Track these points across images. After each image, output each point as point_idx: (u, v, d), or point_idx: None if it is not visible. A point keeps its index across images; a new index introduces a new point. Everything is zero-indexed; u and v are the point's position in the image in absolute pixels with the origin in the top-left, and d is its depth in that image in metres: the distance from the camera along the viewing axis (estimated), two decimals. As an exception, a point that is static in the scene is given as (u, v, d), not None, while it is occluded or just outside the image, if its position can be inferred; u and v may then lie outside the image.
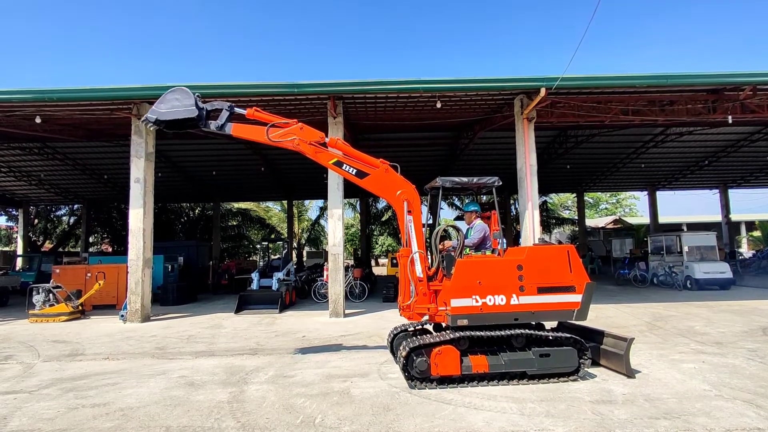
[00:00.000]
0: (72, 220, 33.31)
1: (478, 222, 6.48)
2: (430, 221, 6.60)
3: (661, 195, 28.70)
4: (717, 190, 27.82)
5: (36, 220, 31.64)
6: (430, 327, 6.60)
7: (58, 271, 14.39)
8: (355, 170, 6.21)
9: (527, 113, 11.67)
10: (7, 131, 13.93)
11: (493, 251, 6.29)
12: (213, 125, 6.15)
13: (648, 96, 12.53)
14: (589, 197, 44.41)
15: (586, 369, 5.64)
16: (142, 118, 6.22)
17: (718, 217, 28.49)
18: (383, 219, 34.66)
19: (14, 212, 29.34)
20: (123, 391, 5.53)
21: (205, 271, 20.89)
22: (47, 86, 11.23)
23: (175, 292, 14.91)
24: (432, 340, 5.48)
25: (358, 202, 33.53)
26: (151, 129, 6.23)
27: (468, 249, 6.28)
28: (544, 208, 32.86)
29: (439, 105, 12.36)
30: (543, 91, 10.73)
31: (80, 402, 5.17)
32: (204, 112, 6.08)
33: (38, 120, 12.32)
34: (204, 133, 6.17)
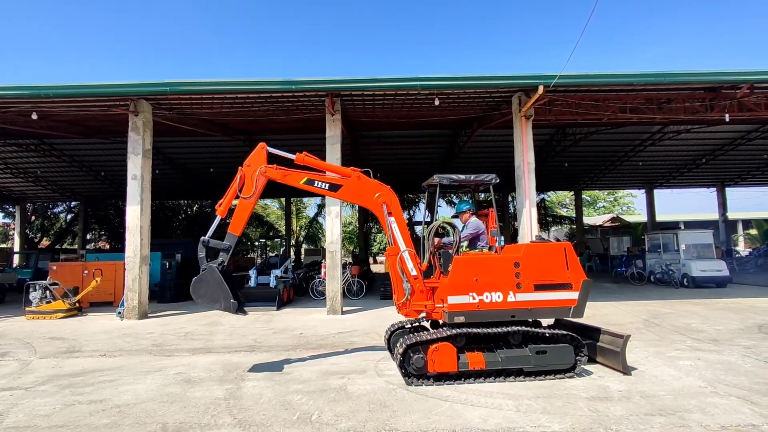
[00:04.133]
0: (69, 218, 33.20)
1: (473, 219, 6.48)
2: (428, 218, 6.60)
3: (658, 193, 28.77)
4: (714, 189, 27.89)
5: (33, 217, 31.52)
6: (427, 324, 6.61)
7: (55, 268, 14.34)
8: (327, 185, 6.16)
9: (525, 111, 11.66)
10: (3, 128, 13.89)
11: (490, 248, 6.30)
12: (226, 255, 6.01)
13: (646, 94, 12.54)
14: (586, 195, 44.43)
15: (582, 366, 5.66)
16: (242, 314, 6.10)
17: (715, 216, 28.57)
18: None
19: (11, 209, 29.25)
20: (120, 388, 5.52)
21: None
22: (44, 82, 11.18)
23: (173, 289, 14.88)
24: (429, 337, 5.49)
25: (356, 200, 33.46)
26: (241, 314, 6.14)
27: (463, 245, 6.28)
28: (542, 205, 32.89)
29: (437, 102, 12.35)
30: (541, 89, 10.72)
31: (77, 398, 5.16)
32: (215, 263, 5.92)
33: (34, 116, 12.25)
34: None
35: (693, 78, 11.24)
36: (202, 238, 6.03)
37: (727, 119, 12.47)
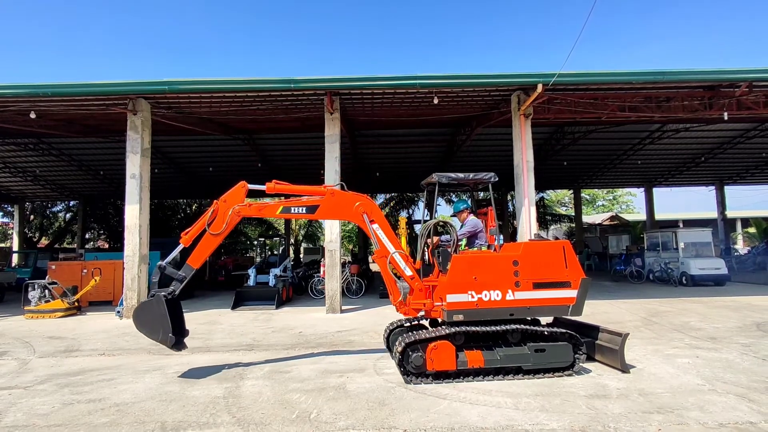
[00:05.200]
0: (68, 217, 33.17)
1: (471, 218, 6.49)
2: (428, 217, 6.60)
3: (657, 191, 28.80)
4: (713, 187, 27.91)
5: (32, 217, 31.49)
6: (426, 322, 6.61)
7: (54, 267, 14.33)
8: (304, 208, 6.06)
9: (524, 109, 11.66)
10: (2, 127, 13.84)
11: (489, 247, 6.30)
12: (179, 285, 5.94)
13: (645, 92, 12.54)
14: (585, 194, 44.52)
15: (581, 364, 5.67)
16: (176, 350, 5.93)
17: (714, 214, 28.59)
18: (381, 215, 34.60)
19: (10, 208, 29.23)
20: (118, 387, 5.52)
21: (201, 268, 20.79)
22: (42, 81, 11.15)
23: (172, 288, 14.84)
24: (427, 336, 5.49)
25: (356, 199, 33.44)
26: (182, 350, 6.02)
27: (462, 243, 6.28)
28: (541, 204, 32.90)
29: (436, 101, 12.33)
30: (540, 87, 10.72)
31: (75, 397, 5.16)
32: (164, 292, 5.78)
33: (33, 115, 12.22)
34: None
35: (692, 76, 11.25)
36: (159, 263, 5.93)
37: (726, 118, 12.47)
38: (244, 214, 6.08)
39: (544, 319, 6.24)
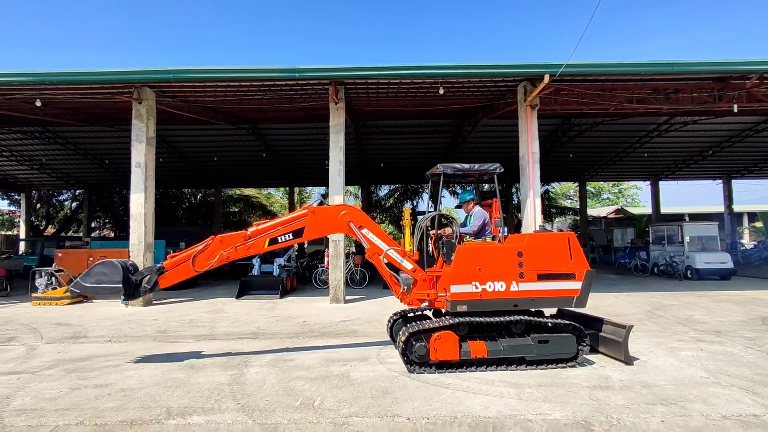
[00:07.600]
0: (74, 205, 33.36)
1: (477, 209, 6.46)
2: (432, 208, 6.58)
3: (663, 185, 28.56)
4: (720, 181, 27.66)
5: (38, 205, 31.69)
6: (429, 313, 6.63)
7: (60, 255, 14.45)
8: (290, 234, 6.03)
9: (530, 100, 11.56)
10: (8, 114, 13.89)
11: (494, 238, 6.29)
12: (142, 292, 5.90)
13: (653, 84, 12.39)
14: (591, 187, 44.16)
15: (584, 356, 5.67)
16: (66, 289, 5.82)
17: (720, 208, 28.38)
18: (386, 206, 34.62)
19: (16, 197, 29.41)
20: (124, 373, 5.58)
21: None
22: (47, 69, 11.16)
23: (177, 277, 14.94)
24: (431, 326, 5.50)
25: (360, 190, 33.48)
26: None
27: (468, 237, 6.27)
28: (546, 196, 32.75)
29: (441, 91, 12.24)
30: (547, 78, 10.60)
31: (82, 383, 5.22)
32: (132, 287, 5.72)
33: (38, 103, 12.26)
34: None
35: (701, 68, 11.09)
36: (158, 264, 6.00)
37: (736, 110, 12.31)
38: (232, 258, 6.08)
39: (548, 311, 6.24)
